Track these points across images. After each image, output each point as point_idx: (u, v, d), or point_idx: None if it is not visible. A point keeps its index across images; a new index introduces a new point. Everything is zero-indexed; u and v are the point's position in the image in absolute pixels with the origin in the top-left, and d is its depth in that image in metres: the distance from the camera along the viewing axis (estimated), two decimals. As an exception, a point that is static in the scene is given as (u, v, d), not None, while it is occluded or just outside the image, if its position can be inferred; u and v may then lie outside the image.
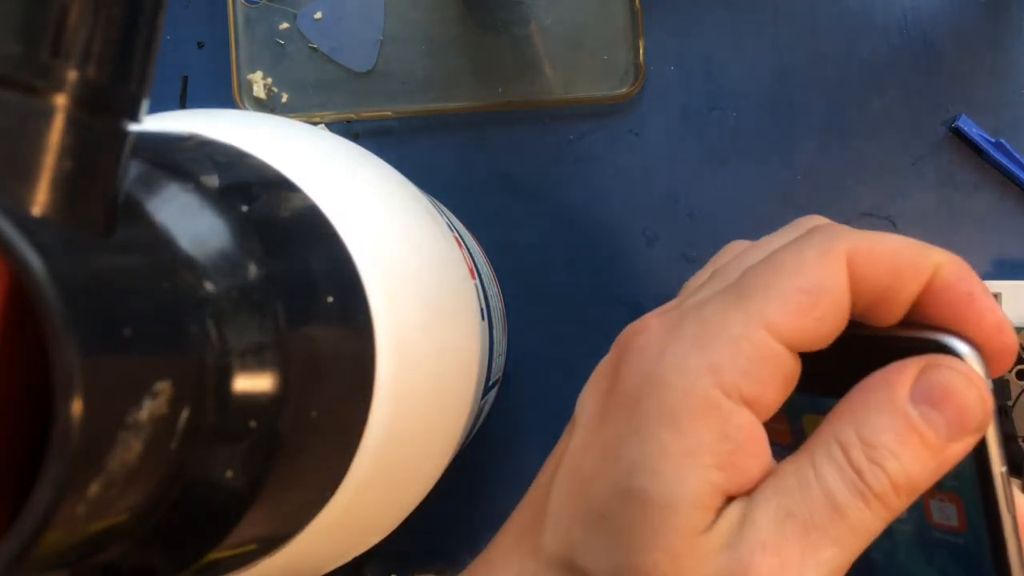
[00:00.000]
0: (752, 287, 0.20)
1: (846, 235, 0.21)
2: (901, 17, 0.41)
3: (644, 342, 0.21)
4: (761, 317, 0.20)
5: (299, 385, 0.21)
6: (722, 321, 0.20)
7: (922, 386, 0.20)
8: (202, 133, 0.23)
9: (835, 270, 0.20)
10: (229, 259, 0.20)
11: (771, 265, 0.21)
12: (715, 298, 0.21)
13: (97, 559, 0.19)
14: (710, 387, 0.20)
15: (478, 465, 0.42)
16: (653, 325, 0.21)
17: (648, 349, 0.21)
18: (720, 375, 0.20)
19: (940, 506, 0.21)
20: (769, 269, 0.20)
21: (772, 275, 0.20)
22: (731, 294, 0.21)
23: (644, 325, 0.21)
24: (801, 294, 0.20)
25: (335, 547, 0.25)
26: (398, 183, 0.29)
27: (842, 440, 0.20)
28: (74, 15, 0.17)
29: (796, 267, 0.20)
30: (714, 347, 0.20)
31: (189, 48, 0.43)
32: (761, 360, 0.20)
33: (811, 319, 0.20)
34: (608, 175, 0.42)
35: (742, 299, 0.20)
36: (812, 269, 0.20)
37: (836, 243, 0.20)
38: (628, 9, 0.41)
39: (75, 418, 0.15)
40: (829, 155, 0.42)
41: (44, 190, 0.17)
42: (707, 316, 0.20)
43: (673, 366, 0.20)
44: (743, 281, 0.21)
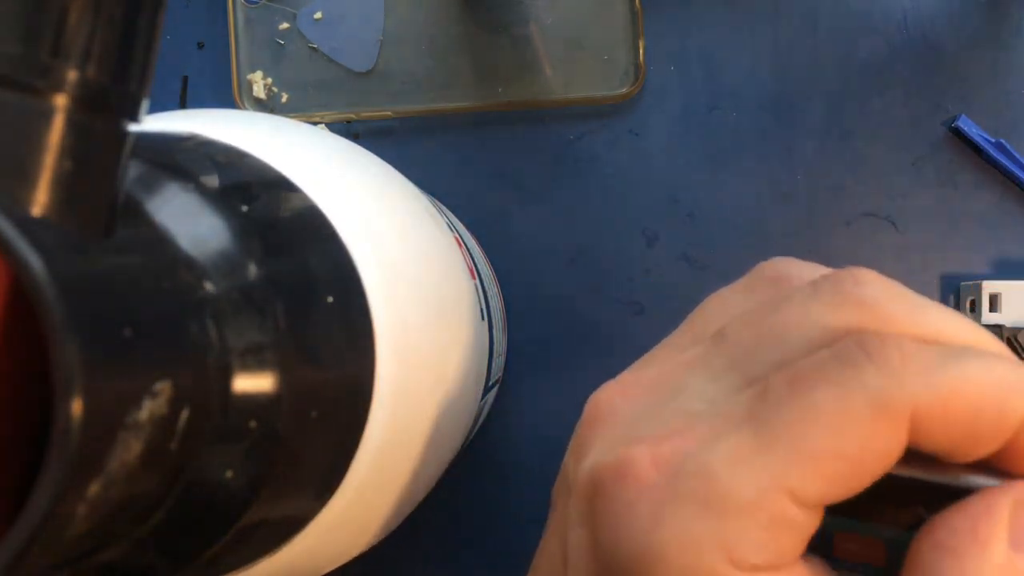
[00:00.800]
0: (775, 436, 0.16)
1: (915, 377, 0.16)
2: (901, 17, 0.41)
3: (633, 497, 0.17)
4: (784, 482, 0.16)
5: (299, 385, 0.21)
6: (735, 482, 0.16)
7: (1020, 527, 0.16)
8: (202, 133, 0.23)
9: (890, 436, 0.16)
10: (229, 259, 0.20)
11: (802, 409, 0.16)
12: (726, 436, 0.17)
13: (97, 559, 0.19)
14: (718, 563, 0.16)
15: (478, 465, 0.42)
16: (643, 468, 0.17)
17: (638, 509, 0.17)
18: (732, 549, 0.16)
19: None
20: (799, 415, 0.16)
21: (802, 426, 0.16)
22: (746, 435, 0.16)
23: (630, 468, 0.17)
24: (839, 461, 0.16)
25: (335, 547, 0.25)
26: (398, 183, 0.29)
27: None
28: (74, 15, 0.17)
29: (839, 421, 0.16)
30: (724, 516, 0.16)
31: (189, 48, 0.43)
32: (780, 529, 0.16)
33: (846, 489, 0.16)
34: (608, 175, 0.42)
35: (761, 452, 0.16)
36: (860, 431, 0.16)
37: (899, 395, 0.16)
38: (628, 9, 0.41)
39: (75, 418, 0.15)
40: (829, 155, 0.42)
41: (44, 190, 0.17)
42: (715, 470, 0.16)
43: (673, 540, 0.16)
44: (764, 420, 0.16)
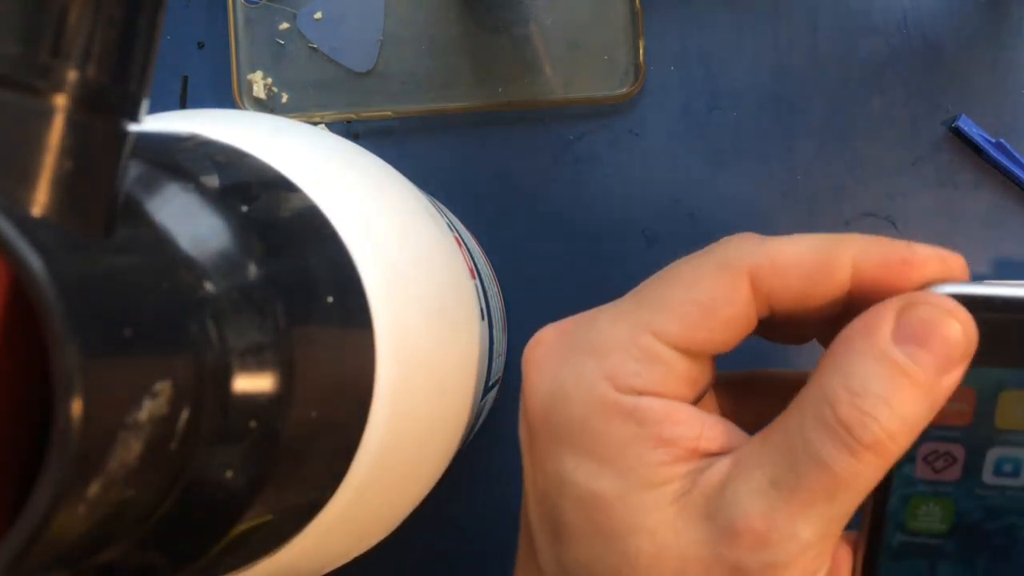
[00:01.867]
0: (647, 298, 0.21)
1: (750, 248, 0.21)
2: (901, 17, 0.41)
3: (543, 355, 0.22)
4: (648, 326, 0.21)
5: (299, 385, 0.21)
6: (612, 331, 0.21)
7: (903, 326, 0.20)
8: (202, 133, 0.23)
9: (732, 285, 0.21)
10: (229, 259, 0.20)
11: (669, 277, 0.21)
12: (611, 307, 0.22)
13: (97, 559, 0.19)
14: (607, 390, 0.21)
15: (478, 465, 0.42)
16: (548, 337, 0.22)
17: (547, 363, 0.22)
18: (614, 377, 0.21)
19: None
20: (666, 281, 0.21)
21: (667, 287, 0.21)
22: (628, 303, 0.22)
23: (541, 337, 0.22)
24: (692, 306, 0.21)
25: (335, 547, 0.25)
26: (398, 183, 0.29)
27: (830, 396, 0.19)
28: (74, 15, 0.17)
29: (692, 280, 0.21)
30: (606, 355, 0.21)
31: (189, 48, 0.43)
32: (651, 361, 0.21)
33: (703, 330, 0.21)
34: (608, 175, 0.42)
35: (636, 308, 0.21)
36: (707, 283, 0.21)
37: (737, 258, 0.21)
38: (628, 9, 0.41)
39: (75, 418, 0.15)
40: (829, 155, 0.42)
41: (44, 190, 0.17)
42: (599, 325, 0.21)
43: (570, 379, 0.21)
44: (641, 292, 0.22)
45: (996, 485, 0.21)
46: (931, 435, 0.21)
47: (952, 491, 0.21)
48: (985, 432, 0.21)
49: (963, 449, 0.21)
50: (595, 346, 0.21)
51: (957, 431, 0.21)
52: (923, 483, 0.21)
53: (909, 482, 0.21)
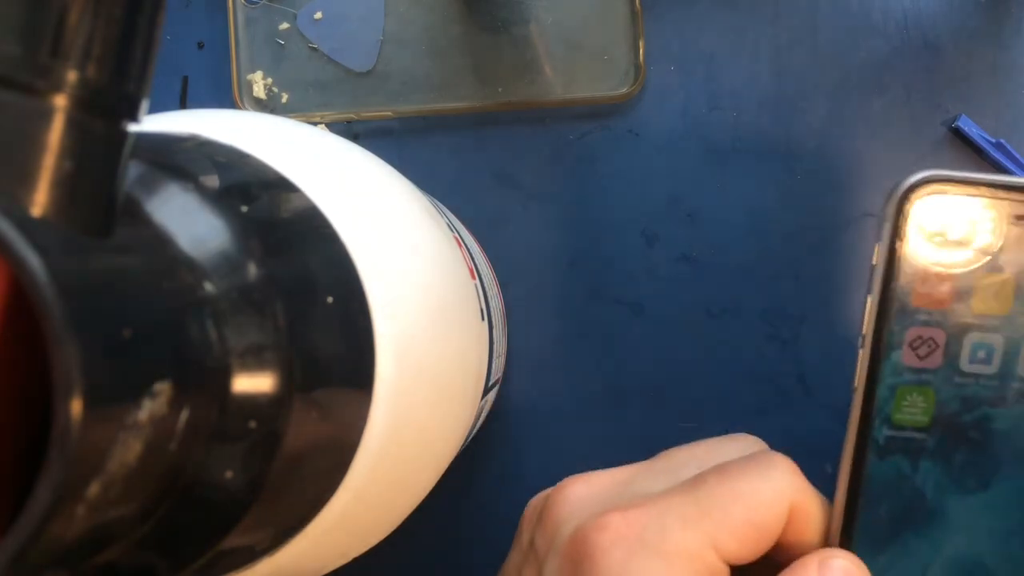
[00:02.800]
0: (712, 507, 0.24)
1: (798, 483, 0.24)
2: (901, 17, 0.41)
3: (611, 544, 0.24)
4: (714, 540, 0.23)
5: (299, 385, 0.21)
6: (681, 537, 0.23)
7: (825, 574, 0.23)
8: (202, 133, 0.23)
9: (781, 515, 0.24)
10: (229, 259, 0.20)
11: (731, 489, 0.24)
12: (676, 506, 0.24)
13: (97, 559, 0.19)
14: None
15: (478, 465, 0.42)
16: (619, 527, 0.24)
17: (615, 553, 0.24)
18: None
19: None
20: (729, 492, 0.24)
21: (730, 500, 0.24)
22: (691, 507, 0.24)
23: (609, 523, 0.24)
24: (749, 528, 0.24)
25: (335, 547, 0.25)
26: (398, 183, 0.29)
27: None
28: (74, 15, 0.17)
29: (751, 501, 0.24)
30: (673, 561, 0.23)
31: (189, 48, 0.43)
32: (705, 574, 0.23)
33: (749, 549, 0.24)
34: (608, 175, 0.42)
35: (701, 518, 0.24)
36: (765, 508, 0.24)
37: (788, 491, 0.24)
38: (628, 9, 0.41)
39: (75, 418, 0.15)
40: (829, 155, 0.42)
41: (44, 190, 0.17)
42: (669, 527, 0.24)
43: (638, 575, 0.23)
44: (703, 495, 0.24)
45: (972, 373, 0.23)
46: (916, 319, 0.23)
47: (933, 380, 0.23)
48: (962, 317, 0.23)
49: (943, 334, 0.23)
50: (665, 549, 0.23)
51: (938, 315, 0.23)
52: (909, 371, 0.23)
53: (897, 371, 0.23)
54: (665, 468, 0.26)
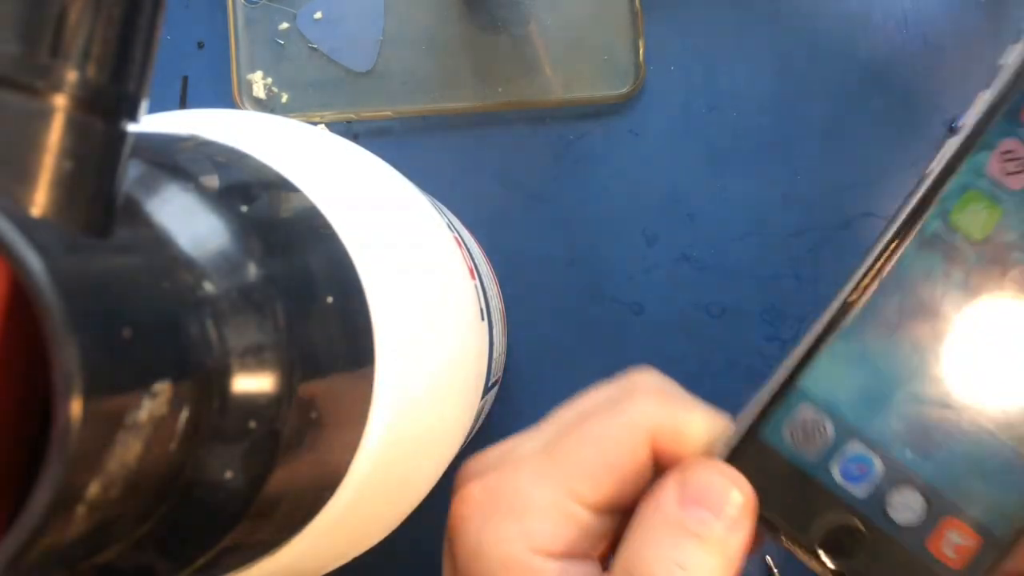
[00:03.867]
0: (562, 456, 0.23)
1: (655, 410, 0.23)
2: (901, 17, 0.41)
3: (469, 512, 0.23)
4: (567, 488, 0.22)
5: (299, 385, 0.21)
6: (533, 492, 0.23)
7: (685, 491, 0.22)
8: (202, 134, 0.23)
9: (638, 447, 0.23)
10: (229, 259, 0.20)
11: (582, 435, 0.23)
12: (529, 463, 0.23)
13: (97, 559, 0.19)
14: (522, 551, 0.22)
15: (478, 465, 0.42)
16: (474, 495, 0.23)
17: (471, 521, 0.23)
18: (532, 539, 0.22)
19: None
20: (579, 437, 0.23)
21: (580, 445, 0.23)
22: (544, 461, 0.23)
23: (467, 493, 0.23)
24: (604, 469, 0.22)
25: (335, 547, 0.25)
26: (398, 183, 0.29)
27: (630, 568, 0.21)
28: (74, 15, 0.17)
29: (602, 440, 0.23)
30: (526, 517, 0.22)
31: (189, 48, 0.43)
32: (568, 524, 0.22)
33: (612, 489, 0.23)
34: (608, 175, 0.42)
35: (553, 468, 0.23)
36: (615, 445, 0.23)
37: (643, 420, 0.23)
38: (628, 9, 0.41)
39: (75, 418, 0.15)
40: (829, 155, 0.42)
41: (44, 190, 0.17)
42: (521, 486, 0.23)
43: (491, 538, 0.22)
44: (556, 446, 0.23)
45: None
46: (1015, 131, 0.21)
47: (1007, 200, 0.22)
48: None
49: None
50: (517, 507, 0.23)
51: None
52: (987, 180, 0.22)
53: (977, 173, 0.22)
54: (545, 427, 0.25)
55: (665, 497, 0.22)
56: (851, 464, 0.22)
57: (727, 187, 0.42)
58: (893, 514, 0.22)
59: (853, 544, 0.22)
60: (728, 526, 0.21)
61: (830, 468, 0.22)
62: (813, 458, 0.22)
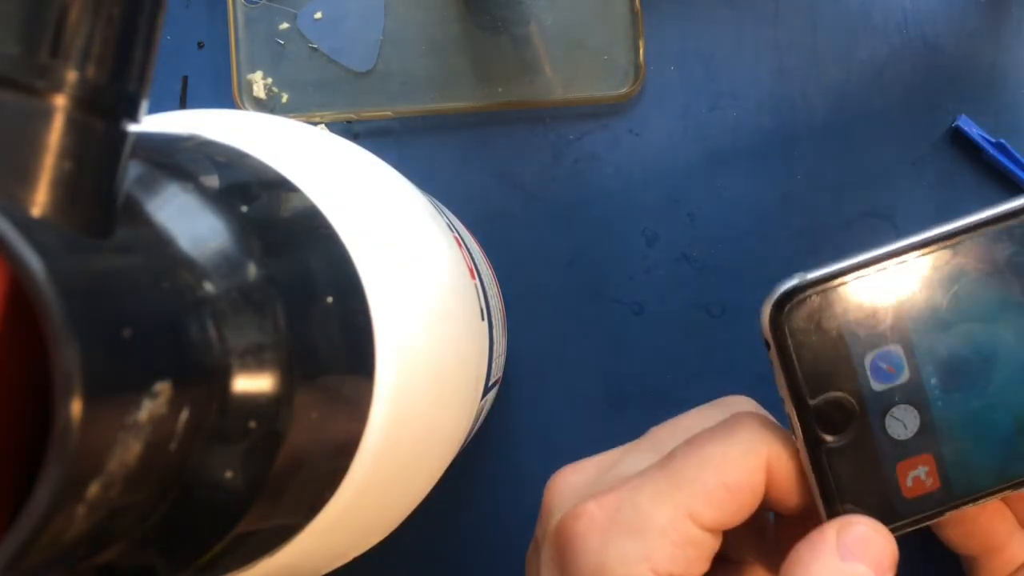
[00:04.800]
0: (681, 478, 0.24)
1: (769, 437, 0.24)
2: (901, 17, 0.41)
3: (586, 530, 0.24)
4: (687, 510, 0.23)
5: (299, 385, 0.21)
6: (654, 513, 0.23)
7: (844, 544, 0.23)
8: (202, 133, 0.23)
9: (756, 472, 0.24)
10: (229, 259, 0.20)
11: (700, 457, 0.24)
12: (647, 484, 0.24)
13: (96, 559, 0.19)
14: (646, 572, 0.23)
15: (478, 465, 0.42)
16: (593, 513, 0.24)
17: (591, 539, 0.24)
18: (654, 561, 0.23)
19: None
20: (697, 460, 0.24)
21: (700, 468, 0.24)
22: (662, 482, 0.24)
23: (584, 511, 0.24)
24: (724, 492, 0.23)
25: (335, 547, 0.25)
26: (398, 183, 0.29)
27: None
28: (74, 15, 0.17)
29: (722, 464, 0.24)
30: (648, 537, 0.23)
31: (189, 48, 0.43)
32: (686, 545, 0.23)
33: (732, 513, 0.24)
34: (608, 175, 0.42)
35: (672, 491, 0.24)
36: (734, 469, 0.24)
37: (760, 446, 0.24)
38: (628, 9, 0.41)
39: (75, 418, 0.15)
40: (829, 155, 0.42)
41: (44, 190, 0.17)
42: (642, 506, 0.24)
43: (614, 557, 0.23)
44: (673, 467, 0.24)
45: None
46: None
47: None
48: None
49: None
50: (639, 527, 0.23)
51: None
52: None
53: None
54: (649, 446, 0.26)
55: (827, 546, 0.23)
56: (884, 361, 0.23)
57: (727, 187, 0.42)
58: (889, 422, 0.23)
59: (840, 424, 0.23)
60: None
61: (866, 353, 0.23)
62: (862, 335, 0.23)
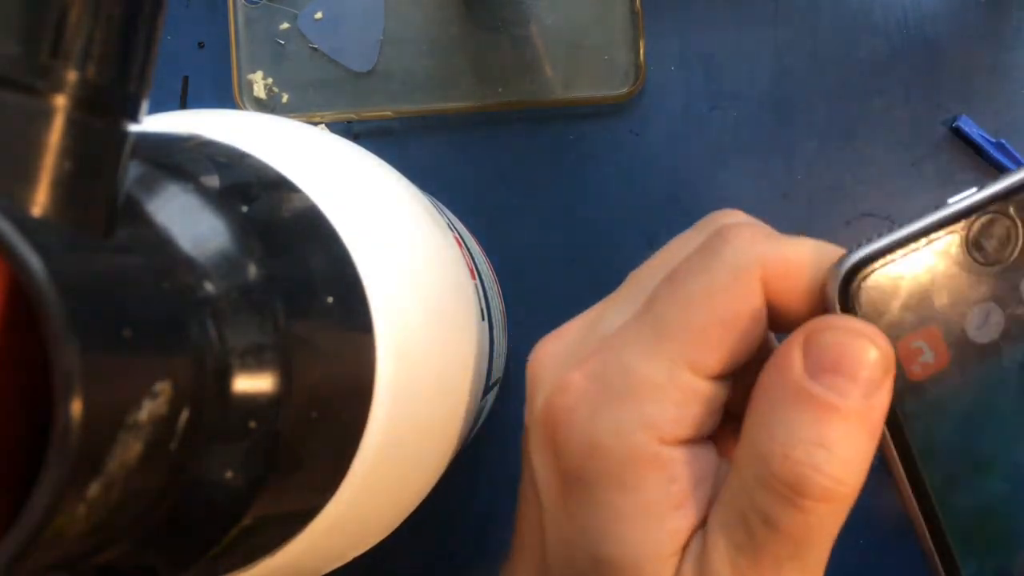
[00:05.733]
0: (668, 324, 0.19)
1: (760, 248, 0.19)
2: (901, 17, 0.41)
3: (574, 404, 0.20)
4: (683, 359, 0.19)
5: (299, 385, 0.21)
6: (645, 370, 0.19)
7: (812, 357, 0.18)
8: (202, 133, 0.23)
9: (750, 294, 0.19)
10: (229, 259, 0.20)
11: (682, 295, 0.19)
12: (632, 338, 0.20)
13: (97, 559, 0.19)
14: (648, 442, 0.19)
15: (478, 465, 0.42)
16: (577, 382, 0.20)
17: (578, 413, 0.20)
18: (654, 427, 0.19)
19: None
20: (681, 300, 0.19)
21: (684, 307, 0.19)
22: (647, 332, 0.20)
23: (568, 382, 0.20)
24: (720, 328, 0.19)
25: (335, 547, 0.25)
26: (398, 183, 0.29)
27: (762, 453, 0.18)
28: (74, 15, 0.17)
29: (709, 295, 0.19)
30: (643, 400, 0.19)
31: (189, 48, 0.43)
32: (689, 401, 0.19)
33: (734, 350, 0.19)
34: (608, 175, 0.42)
35: (661, 340, 0.19)
36: (727, 297, 0.19)
37: (748, 261, 0.19)
38: (628, 9, 0.41)
39: (75, 418, 0.15)
40: (829, 155, 0.42)
41: (44, 190, 0.17)
42: (630, 364, 0.20)
43: (608, 430, 0.19)
44: (657, 314, 0.20)
45: None
46: None
47: None
48: None
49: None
50: (632, 391, 0.19)
51: None
52: None
53: None
54: (629, 292, 0.22)
55: (791, 366, 0.18)
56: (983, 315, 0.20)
57: (727, 187, 0.42)
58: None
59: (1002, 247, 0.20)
60: (867, 392, 0.18)
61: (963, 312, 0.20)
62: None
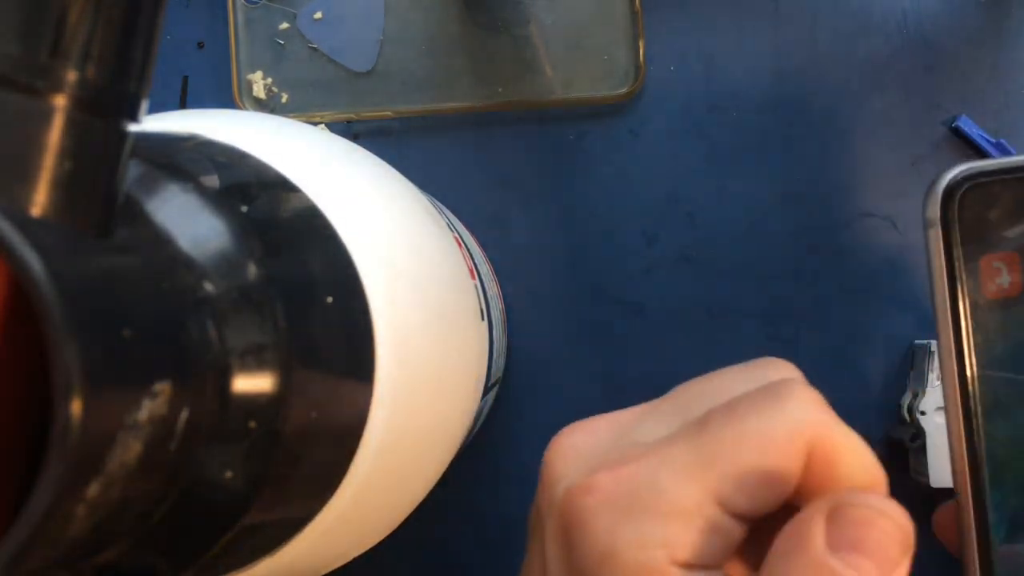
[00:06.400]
0: (714, 457, 0.20)
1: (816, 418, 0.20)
2: (901, 17, 0.41)
3: (597, 507, 0.20)
4: (717, 492, 0.20)
5: (299, 385, 0.21)
6: (678, 492, 0.20)
7: (836, 532, 0.19)
8: (202, 133, 0.23)
9: (797, 459, 0.20)
10: (229, 259, 0.20)
11: (739, 431, 0.20)
12: (672, 457, 0.20)
13: (97, 559, 0.19)
14: (664, 561, 0.19)
15: (478, 465, 0.42)
16: (606, 487, 0.20)
17: (602, 518, 0.20)
18: (674, 549, 0.20)
19: None
20: (735, 434, 0.20)
21: (737, 444, 0.20)
22: (690, 456, 0.20)
23: (596, 484, 0.20)
24: (759, 476, 0.20)
25: (335, 547, 0.25)
26: (398, 183, 0.29)
27: None
28: (74, 15, 0.17)
29: (760, 444, 0.20)
30: (668, 520, 0.20)
31: (189, 48, 0.43)
32: (712, 532, 0.20)
33: (767, 501, 0.20)
34: (608, 175, 0.42)
35: (703, 468, 0.20)
36: (776, 453, 0.20)
37: (804, 428, 0.20)
38: (628, 9, 0.41)
39: (75, 418, 0.15)
40: (829, 155, 0.42)
41: (44, 190, 0.17)
42: (663, 483, 0.20)
43: (628, 541, 0.20)
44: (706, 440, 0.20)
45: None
46: None
47: None
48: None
49: None
50: (659, 508, 0.20)
51: None
52: None
53: None
54: (673, 408, 0.22)
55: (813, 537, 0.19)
56: None
57: (727, 187, 0.42)
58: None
59: None
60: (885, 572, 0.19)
61: None
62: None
